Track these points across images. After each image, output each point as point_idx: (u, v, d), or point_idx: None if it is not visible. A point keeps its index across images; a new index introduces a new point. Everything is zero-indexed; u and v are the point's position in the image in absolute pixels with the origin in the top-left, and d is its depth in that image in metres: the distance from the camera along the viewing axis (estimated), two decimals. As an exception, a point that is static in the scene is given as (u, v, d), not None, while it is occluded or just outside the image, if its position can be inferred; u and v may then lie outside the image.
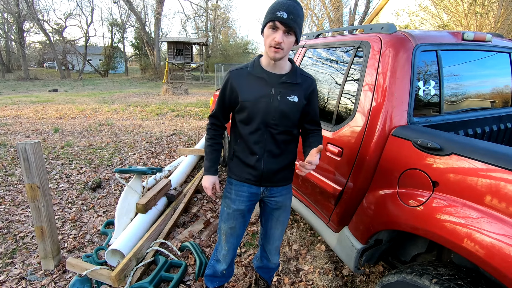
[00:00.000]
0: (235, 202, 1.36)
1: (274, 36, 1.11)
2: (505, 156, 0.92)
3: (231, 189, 1.37)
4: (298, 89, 1.25)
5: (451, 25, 6.37)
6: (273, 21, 1.10)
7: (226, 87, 1.27)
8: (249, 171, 1.31)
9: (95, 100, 10.53)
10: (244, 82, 1.23)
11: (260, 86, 1.22)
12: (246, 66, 1.26)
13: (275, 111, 1.22)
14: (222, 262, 1.47)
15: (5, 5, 22.00)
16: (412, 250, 1.44)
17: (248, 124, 1.26)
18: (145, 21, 26.17)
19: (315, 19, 15.60)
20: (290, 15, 1.09)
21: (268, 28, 1.12)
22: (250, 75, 1.24)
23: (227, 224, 1.39)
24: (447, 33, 1.56)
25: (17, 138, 5.14)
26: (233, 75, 1.25)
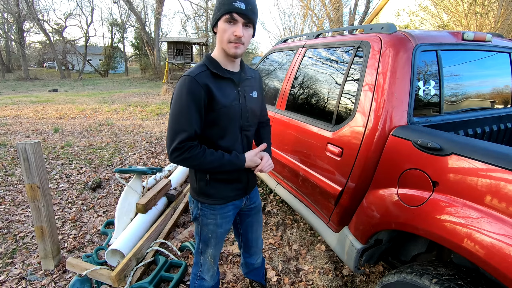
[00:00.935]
0: (221, 225, 1.23)
1: (233, 30, 0.99)
2: (505, 156, 0.92)
3: (215, 215, 1.20)
4: (254, 84, 1.21)
5: (451, 25, 6.36)
6: (230, 13, 0.97)
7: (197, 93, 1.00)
8: (235, 186, 1.20)
9: (95, 100, 10.53)
10: (215, 86, 1.04)
11: (229, 88, 1.09)
12: (204, 68, 1.05)
13: (247, 111, 1.14)
14: (210, 280, 1.37)
15: (5, 5, 22.00)
16: (412, 250, 1.44)
17: (225, 135, 1.10)
18: (145, 21, 26.17)
19: (315, 19, 15.59)
20: (248, 5, 0.98)
21: (224, 22, 0.99)
22: (217, 77, 1.06)
23: (216, 248, 1.29)
24: (447, 33, 1.56)
25: (17, 138, 5.14)
26: (200, 78, 1.01)
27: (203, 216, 1.21)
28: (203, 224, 1.23)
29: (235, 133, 1.13)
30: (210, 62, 1.07)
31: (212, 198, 1.18)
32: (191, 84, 1.00)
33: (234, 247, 2.21)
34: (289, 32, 16.55)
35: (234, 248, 2.19)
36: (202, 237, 1.27)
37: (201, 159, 1.03)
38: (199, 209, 1.21)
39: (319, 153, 1.68)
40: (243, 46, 1.04)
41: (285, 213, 2.71)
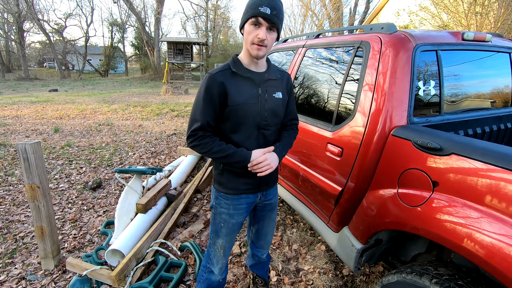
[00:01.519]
0: (234, 216, 1.29)
1: (257, 33, 1.06)
2: (505, 156, 0.92)
3: (228, 205, 1.27)
4: (279, 85, 1.25)
5: (451, 25, 6.36)
6: (256, 17, 1.04)
7: (213, 90, 1.10)
8: (246, 181, 1.25)
9: (95, 100, 10.53)
10: (232, 84, 1.12)
11: (248, 86, 1.15)
12: (226, 67, 1.15)
13: (266, 111, 1.18)
14: (218, 274, 1.41)
15: (5, 5, 22.00)
16: (412, 250, 1.44)
17: (238, 130, 1.16)
18: (145, 21, 26.17)
19: (315, 19, 15.59)
20: (273, 11, 1.04)
21: (250, 25, 1.06)
22: (236, 76, 1.14)
23: (227, 239, 1.34)
24: (447, 33, 1.56)
25: (17, 138, 5.14)
26: (218, 77, 1.11)
27: (217, 204, 1.30)
28: (217, 212, 1.31)
29: (250, 130, 1.18)
30: (233, 61, 1.16)
31: (224, 186, 1.26)
32: (209, 81, 1.10)
33: (234, 247, 2.21)
34: (289, 32, 16.54)
35: (234, 248, 2.19)
36: (215, 226, 1.34)
37: (209, 148, 1.12)
38: (216, 197, 1.30)
39: (319, 153, 1.68)
40: (265, 49, 1.09)
41: (285, 213, 2.71)
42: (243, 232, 2.42)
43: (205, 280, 1.44)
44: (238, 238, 2.34)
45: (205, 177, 3.15)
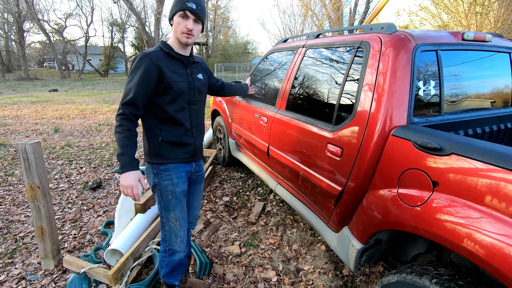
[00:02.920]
0: (178, 184, 1.38)
1: (185, 24, 1.26)
2: (505, 156, 0.92)
3: (170, 175, 1.36)
4: (199, 68, 1.47)
5: (451, 25, 6.36)
6: (184, 11, 1.24)
7: (149, 69, 1.23)
8: (185, 149, 1.39)
9: (95, 100, 10.53)
10: (166, 63, 1.28)
11: (180, 67, 1.33)
12: (158, 49, 1.30)
13: (194, 88, 1.38)
14: (179, 251, 1.45)
15: (5, 5, 22.00)
16: (412, 250, 1.44)
17: (173, 103, 1.31)
18: (145, 21, 26.16)
19: (315, 19, 15.58)
20: (198, 6, 1.26)
21: (179, 17, 1.25)
22: (169, 57, 1.30)
23: (178, 209, 1.40)
24: (447, 33, 1.56)
25: (17, 138, 5.14)
26: (153, 57, 1.25)
27: (160, 180, 1.36)
28: (162, 188, 1.37)
29: (182, 104, 1.34)
30: (164, 45, 1.32)
31: (164, 157, 1.34)
32: (142, 60, 1.24)
33: (234, 247, 2.21)
34: (289, 32, 16.55)
35: (234, 248, 2.19)
36: (163, 203, 1.39)
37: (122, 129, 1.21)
38: (155, 174, 1.36)
39: (319, 153, 1.68)
40: (193, 37, 1.30)
41: (285, 213, 2.71)
42: (243, 232, 2.42)
43: (167, 264, 1.47)
44: (238, 238, 2.34)
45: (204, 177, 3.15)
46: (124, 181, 1.20)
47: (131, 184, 1.20)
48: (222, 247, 2.22)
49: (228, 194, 3.09)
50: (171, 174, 1.36)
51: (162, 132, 1.33)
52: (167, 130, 1.33)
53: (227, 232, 2.43)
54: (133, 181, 1.21)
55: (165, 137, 1.33)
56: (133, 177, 1.21)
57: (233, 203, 2.90)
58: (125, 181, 1.20)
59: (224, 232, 2.42)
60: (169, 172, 1.36)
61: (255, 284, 1.86)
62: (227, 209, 2.79)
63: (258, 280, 1.89)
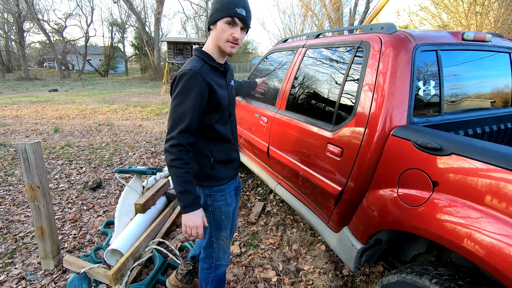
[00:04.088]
0: (231, 204, 1.33)
1: (232, 32, 1.11)
2: (505, 156, 0.92)
3: (224, 195, 1.29)
4: (231, 74, 1.37)
5: (451, 25, 6.36)
6: (232, 17, 1.09)
7: (202, 89, 1.10)
8: (233, 166, 1.34)
9: (95, 100, 10.53)
10: (213, 78, 1.17)
11: (221, 79, 1.23)
12: (202, 62, 1.15)
13: (233, 99, 1.31)
14: (226, 262, 1.42)
15: (5, 5, 22.00)
16: (412, 250, 1.44)
17: (221, 120, 1.24)
18: (145, 21, 26.16)
19: (315, 19, 15.58)
20: (248, 13, 1.12)
21: (225, 23, 1.10)
22: (213, 70, 1.19)
23: (228, 227, 1.36)
24: (447, 33, 1.56)
25: (17, 138, 5.14)
26: (203, 73, 1.12)
27: (213, 201, 1.28)
28: (215, 209, 1.29)
29: (226, 118, 1.27)
30: (206, 56, 1.18)
31: (218, 179, 1.27)
32: (193, 78, 1.09)
33: (234, 247, 2.21)
34: (289, 32, 16.55)
35: (234, 248, 2.19)
36: (215, 223, 1.31)
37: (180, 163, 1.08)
38: (208, 195, 1.28)
39: (319, 153, 1.68)
40: (237, 47, 1.17)
41: (285, 213, 2.71)
42: (243, 232, 2.42)
43: (213, 279, 1.41)
44: (238, 238, 2.34)
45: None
46: (188, 221, 1.12)
47: (197, 225, 1.13)
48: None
49: (228, 194, 3.09)
50: (225, 195, 1.29)
51: (213, 152, 1.24)
52: (217, 149, 1.25)
53: (227, 232, 2.43)
54: (199, 221, 1.14)
55: (217, 156, 1.25)
56: (199, 217, 1.14)
57: (233, 203, 2.90)
58: (190, 221, 1.12)
59: (224, 232, 2.42)
60: (223, 192, 1.29)
61: (255, 284, 1.86)
62: (227, 209, 2.78)
63: (258, 280, 1.89)
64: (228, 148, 1.29)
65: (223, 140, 1.26)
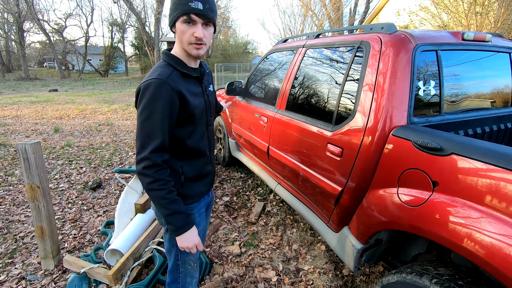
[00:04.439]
0: (200, 223, 1.20)
1: (192, 31, 0.95)
2: (505, 156, 0.92)
3: (193, 214, 1.16)
4: (209, 78, 1.21)
5: (451, 25, 6.37)
6: (188, 14, 0.92)
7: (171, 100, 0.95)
8: (206, 180, 1.19)
9: (95, 100, 10.52)
10: (185, 86, 1.00)
11: (196, 85, 1.07)
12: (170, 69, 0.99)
13: (210, 106, 1.15)
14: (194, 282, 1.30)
15: (5, 5, 21.99)
16: (412, 250, 1.44)
17: (195, 132, 1.07)
18: (145, 21, 26.15)
19: (315, 19, 15.58)
20: (206, 4, 0.94)
21: (182, 23, 0.94)
22: (185, 77, 1.03)
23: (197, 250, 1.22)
24: (447, 33, 1.56)
25: (17, 138, 5.14)
26: (172, 82, 0.96)
27: None
28: None
29: (202, 130, 1.12)
30: (175, 61, 1.01)
31: (187, 198, 1.12)
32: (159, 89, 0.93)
33: (234, 247, 2.21)
34: (289, 32, 16.55)
35: (234, 248, 2.19)
36: None
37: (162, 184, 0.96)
38: None
39: (319, 153, 1.68)
40: (205, 46, 1.00)
41: (285, 213, 2.71)
42: (243, 232, 2.42)
43: None
44: (238, 238, 2.34)
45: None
46: (186, 243, 1.02)
47: (196, 243, 1.04)
48: (222, 247, 2.22)
49: (228, 194, 3.09)
50: (194, 213, 1.16)
51: (184, 169, 1.09)
52: (188, 165, 1.10)
53: (227, 232, 2.43)
54: (197, 238, 1.05)
55: (188, 173, 1.10)
56: (195, 234, 1.05)
57: (233, 203, 2.90)
58: (188, 242, 1.02)
59: (224, 232, 2.42)
60: (192, 211, 1.15)
61: (255, 284, 1.86)
62: (227, 209, 2.79)
63: (258, 280, 1.89)
64: (201, 163, 1.15)
65: (197, 155, 1.12)
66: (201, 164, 1.15)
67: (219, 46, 31.97)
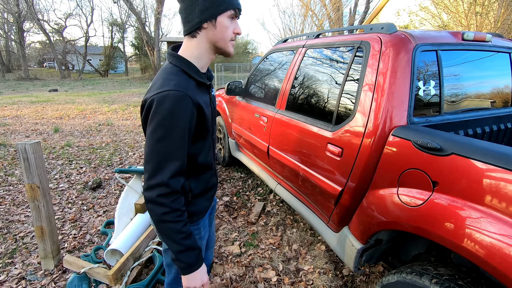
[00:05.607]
0: (204, 236, 1.12)
1: (234, 27, 0.89)
2: (505, 156, 0.92)
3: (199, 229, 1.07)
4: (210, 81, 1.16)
5: (451, 25, 6.37)
6: (235, 9, 0.87)
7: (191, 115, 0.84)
8: (211, 193, 1.11)
9: (95, 100, 10.53)
10: (200, 96, 0.90)
11: (205, 94, 0.96)
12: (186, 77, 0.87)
13: (215, 114, 1.06)
14: None
15: (5, 5, 22.00)
16: (412, 250, 1.44)
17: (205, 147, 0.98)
18: (145, 21, 26.13)
19: (315, 19, 15.58)
20: None
21: (228, 17, 0.87)
22: (199, 85, 0.92)
23: None
24: (447, 33, 1.56)
25: (17, 138, 5.14)
26: (191, 94, 0.84)
27: None
28: None
29: (209, 142, 1.01)
30: (190, 68, 0.89)
31: (194, 215, 1.03)
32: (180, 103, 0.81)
33: (234, 247, 2.21)
34: (289, 32, 16.55)
35: (234, 248, 2.19)
36: None
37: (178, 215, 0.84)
38: None
39: (319, 153, 1.68)
40: None
41: (285, 213, 2.71)
42: (243, 232, 2.42)
43: None
44: (238, 238, 2.34)
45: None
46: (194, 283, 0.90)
47: (204, 281, 0.94)
48: (222, 247, 2.22)
49: (228, 194, 3.09)
50: (200, 228, 1.07)
51: (192, 186, 0.99)
52: (195, 181, 1.00)
53: (227, 232, 2.43)
54: (205, 278, 0.94)
55: (195, 190, 1.00)
56: (204, 273, 0.93)
57: (233, 203, 2.90)
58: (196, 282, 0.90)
59: (224, 232, 2.42)
60: (198, 226, 1.06)
61: (255, 284, 1.86)
62: (227, 209, 2.79)
63: (258, 280, 1.89)
64: (208, 176, 1.06)
65: (204, 170, 1.02)
66: (207, 177, 1.06)
67: (219, 46, 31.90)
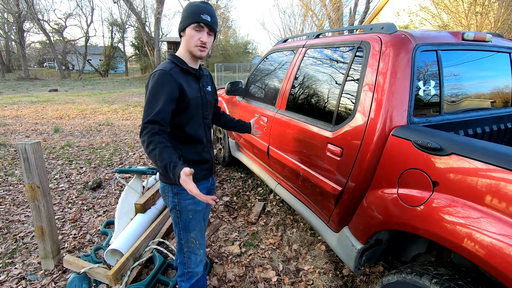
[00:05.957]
0: (199, 203, 1.32)
1: (199, 36, 1.20)
2: (505, 156, 0.92)
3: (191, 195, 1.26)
4: (208, 80, 1.43)
5: (451, 25, 6.37)
6: (198, 23, 1.18)
7: (173, 87, 1.15)
8: (204, 166, 1.36)
9: (95, 100, 10.52)
10: (184, 80, 1.22)
11: (194, 82, 1.29)
12: (173, 65, 1.21)
13: (206, 102, 1.34)
14: (198, 272, 1.39)
15: (5, 5, 21.99)
16: (412, 250, 1.44)
17: (192, 121, 1.27)
18: (145, 21, 26.12)
19: (315, 19, 15.59)
20: (213, 18, 1.22)
21: (192, 29, 1.20)
22: (184, 73, 1.24)
23: (198, 228, 1.35)
24: (447, 33, 1.56)
25: (17, 138, 5.14)
26: (174, 74, 1.18)
27: (180, 199, 1.29)
28: (182, 208, 1.30)
29: (199, 121, 1.31)
30: (178, 60, 1.25)
31: None
32: (163, 75, 1.16)
33: (234, 247, 2.21)
34: (289, 32, 16.56)
35: (234, 248, 2.19)
36: (183, 224, 1.33)
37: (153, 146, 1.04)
38: (175, 194, 1.29)
39: (319, 153, 1.68)
40: (206, 50, 1.25)
41: (285, 213, 2.71)
42: (243, 232, 2.42)
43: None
44: (238, 238, 2.34)
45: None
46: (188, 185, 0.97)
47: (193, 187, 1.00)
48: (222, 247, 2.22)
49: (228, 194, 3.09)
50: None
51: (183, 152, 1.28)
52: (187, 149, 1.29)
53: (227, 232, 2.43)
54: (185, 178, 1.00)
55: (187, 156, 1.28)
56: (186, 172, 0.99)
57: (233, 203, 2.90)
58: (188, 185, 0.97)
59: (224, 232, 2.42)
60: None
61: (255, 284, 1.86)
62: (227, 209, 2.79)
63: (258, 280, 1.89)
64: (199, 149, 1.32)
65: (194, 142, 1.30)
66: (198, 150, 1.32)
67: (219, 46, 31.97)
